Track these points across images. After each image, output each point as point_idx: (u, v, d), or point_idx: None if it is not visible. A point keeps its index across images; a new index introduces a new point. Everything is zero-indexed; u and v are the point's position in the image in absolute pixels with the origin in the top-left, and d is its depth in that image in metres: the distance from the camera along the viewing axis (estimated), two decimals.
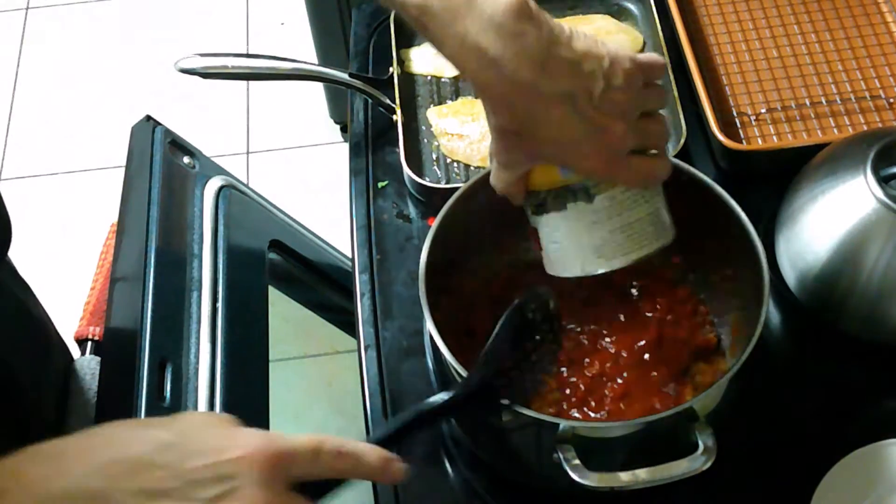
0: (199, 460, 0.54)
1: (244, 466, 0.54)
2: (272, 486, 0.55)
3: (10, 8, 2.52)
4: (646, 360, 0.82)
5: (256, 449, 0.55)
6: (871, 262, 0.81)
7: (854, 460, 0.79)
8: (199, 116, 2.26)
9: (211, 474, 0.54)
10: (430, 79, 1.10)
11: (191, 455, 0.54)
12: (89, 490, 0.53)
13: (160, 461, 0.54)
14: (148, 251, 0.97)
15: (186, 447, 0.55)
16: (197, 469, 0.54)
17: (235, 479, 0.54)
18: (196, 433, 0.56)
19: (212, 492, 0.53)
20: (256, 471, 0.54)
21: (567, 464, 0.68)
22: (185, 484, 0.53)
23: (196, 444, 0.55)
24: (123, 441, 0.56)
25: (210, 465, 0.54)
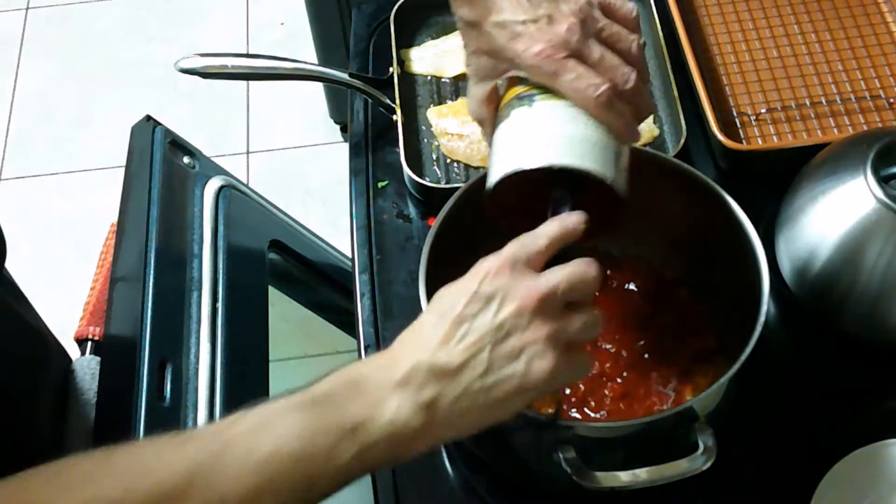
0: (461, 301, 0.63)
1: (493, 280, 0.64)
2: (522, 275, 0.64)
3: (10, 8, 2.52)
4: (646, 360, 0.82)
5: (487, 267, 0.64)
6: (871, 262, 0.81)
7: (854, 460, 0.79)
8: (199, 116, 2.26)
9: (479, 302, 0.63)
10: (430, 79, 1.10)
11: (453, 305, 0.64)
12: (420, 367, 0.62)
13: (443, 321, 0.63)
14: (148, 251, 0.97)
15: (447, 305, 0.64)
16: (467, 306, 0.63)
17: (497, 292, 0.63)
18: (444, 296, 0.65)
19: (491, 309, 0.63)
20: (502, 276, 0.64)
21: (567, 464, 0.68)
22: (469, 320, 0.63)
23: (449, 299, 0.64)
24: (412, 333, 0.65)
25: (472, 298, 0.63)
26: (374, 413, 0.61)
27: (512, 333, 0.62)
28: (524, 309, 0.62)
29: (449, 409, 0.62)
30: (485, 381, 0.62)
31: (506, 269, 0.64)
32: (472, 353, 0.62)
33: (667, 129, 1.03)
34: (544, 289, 0.63)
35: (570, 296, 0.64)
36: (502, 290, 0.63)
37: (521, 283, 0.63)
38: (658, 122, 1.03)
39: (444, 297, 0.65)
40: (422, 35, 1.13)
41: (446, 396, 0.62)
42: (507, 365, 0.62)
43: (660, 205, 0.84)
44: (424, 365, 0.62)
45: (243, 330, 1.00)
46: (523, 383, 0.62)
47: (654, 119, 1.03)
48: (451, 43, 1.11)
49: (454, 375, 0.62)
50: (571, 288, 0.63)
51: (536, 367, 0.62)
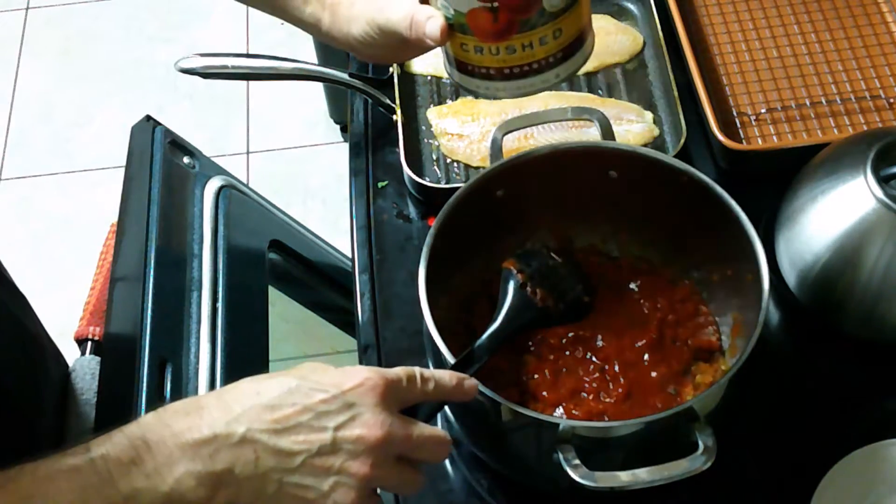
0: (323, 395, 0.62)
1: (362, 394, 0.63)
2: (387, 409, 0.63)
3: (10, 8, 2.52)
4: (646, 360, 0.82)
5: (368, 378, 0.63)
6: (871, 262, 0.81)
7: (854, 460, 0.79)
8: (199, 116, 2.26)
9: (335, 405, 0.62)
10: (430, 79, 1.10)
11: (315, 392, 0.62)
12: (233, 434, 0.60)
13: (290, 401, 0.62)
14: (148, 251, 0.97)
15: (309, 386, 0.63)
16: (323, 402, 0.62)
17: (356, 407, 0.62)
18: (314, 375, 0.64)
19: (338, 419, 0.62)
20: (372, 397, 0.63)
21: (567, 464, 0.68)
22: (314, 416, 0.62)
23: (317, 383, 0.63)
24: (254, 391, 0.63)
25: (332, 397, 0.62)
26: (152, 483, 0.59)
27: (340, 454, 0.61)
28: (366, 440, 0.62)
29: (238, 483, 0.60)
30: (285, 478, 0.61)
31: (379, 393, 0.63)
32: (294, 447, 0.61)
33: (667, 129, 1.03)
34: (396, 435, 0.63)
35: (414, 452, 0.64)
36: (363, 408, 0.62)
37: (380, 416, 0.62)
38: (658, 122, 1.03)
39: (311, 378, 0.64)
40: None
41: (240, 472, 0.60)
42: (315, 478, 0.61)
43: (660, 205, 0.84)
44: (236, 431, 0.60)
45: (243, 330, 1.00)
46: (317, 501, 0.61)
47: (654, 119, 1.03)
48: None
49: (263, 454, 0.60)
50: (418, 448, 0.64)
51: (336, 496, 0.61)
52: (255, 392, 0.63)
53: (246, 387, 0.63)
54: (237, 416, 0.61)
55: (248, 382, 0.64)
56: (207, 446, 0.60)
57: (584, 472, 0.68)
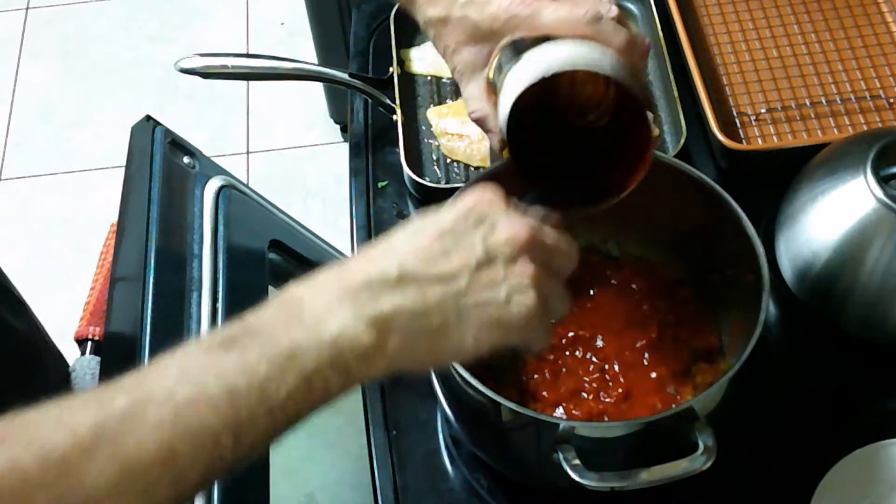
0: (451, 216, 0.59)
1: (487, 205, 0.60)
2: (517, 212, 0.61)
3: (10, 8, 2.52)
4: (646, 361, 0.82)
5: (482, 193, 0.60)
6: (871, 262, 0.81)
7: (854, 460, 0.79)
8: (199, 116, 2.26)
9: (469, 221, 0.59)
10: (430, 79, 1.10)
11: (441, 219, 0.59)
12: (387, 273, 0.56)
13: (424, 235, 0.58)
14: (148, 251, 0.97)
15: (433, 219, 0.60)
16: (455, 222, 0.59)
17: (489, 217, 0.59)
18: (426, 217, 0.60)
19: (479, 232, 0.58)
20: (497, 205, 0.60)
21: (567, 464, 0.68)
22: (455, 238, 0.58)
23: (437, 216, 0.60)
24: (384, 244, 0.59)
25: (461, 216, 0.59)
26: (314, 333, 0.53)
27: (498, 262, 0.58)
28: (516, 241, 0.58)
29: (409, 326, 0.56)
30: (460, 302, 0.57)
31: (499, 201, 0.60)
32: (453, 270, 0.57)
33: (667, 129, 1.03)
34: (539, 232, 0.60)
35: (554, 256, 0.61)
36: (495, 217, 0.59)
37: (514, 218, 0.60)
38: (658, 122, 1.03)
39: (427, 212, 0.60)
40: (422, 35, 1.13)
41: (409, 310, 0.56)
42: (489, 291, 0.57)
43: (660, 205, 0.84)
44: (389, 271, 0.56)
45: None
46: (501, 315, 0.58)
47: (653, 119, 1.03)
48: None
49: (426, 286, 0.56)
50: (556, 252, 0.61)
51: (517, 301, 0.58)
52: (388, 244, 0.58)
53: (377, 244, 0.59)
54: (383, 261, 0.57)
55: (376, 242, 0.59)
56: (366, 290, 0.55)
57: (584, 472, 0.68)
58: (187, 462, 0.50)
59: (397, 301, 0.55)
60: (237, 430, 0.51)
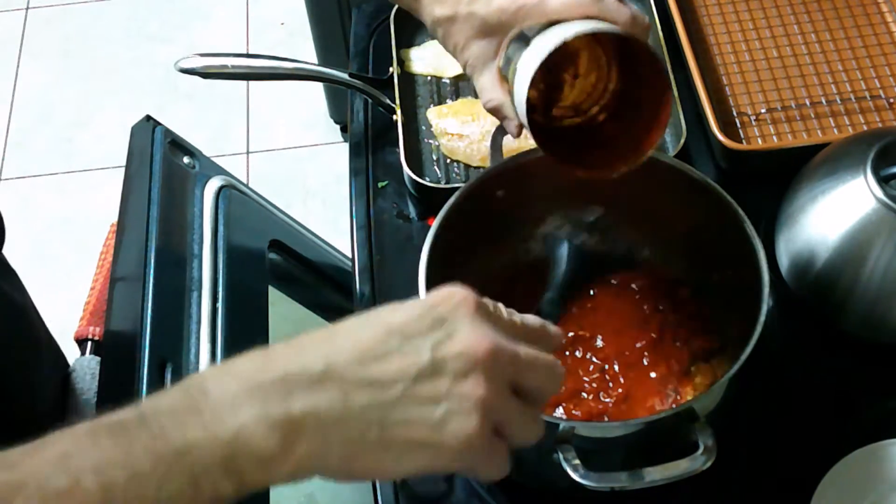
0: (406, 314, 0.52)
1: (453, 308, 0.52)
2: (485, 323, 0.53)
3: (10, 8, 2.52)
4: (646, 361, 0.82)
5: (454, 292, 0.53)
6: (871, 262, 0.81)
7: (854, 460, 0.79)
8: (199, 116, 2.26)
9: (425, 323, 0.52)
10: (430, 79, 1.10)
11: (395, 313, 0.52)
12: (310, 370, 0.50)
13: (370, 329, 0.52)
14: (148, 251, 0.97)
15: (388, 312, 0.53)
16: (409, 321, 0.52)
17: (449, 322, 0.52)
18: (386, 307, 0.54)
19: (432, 338, 0.51)
20: (464, 309, 0.52)
21: (567, 464, 0.68)
22: (402, 339, 0.51)
23: (394, 307, 0.53)
24: (326, 332, 0.53)
25: (419, 315, 0.52)
26: (210, 431, 0.47)
27: (444, 375, 0.50)
28: (471, 355, 0.51)
29: (322, 432, 0.49)
30: (387, 414, 0.50)
31: (472, 306, 0.53)
32: (388, 375, 0.50)
33: (667, 128, 1.03)
34: (503, 348, 0.52)
35: (526, 376, 0.53)
36: (456, 322, 0.52)
37: (480, 328, 0.52)
38: None
39: (388, 307, 0.53)
40: (422, 35, 1.13)
41: (325, 414, 0.49)
42: (422, 407, 0.50)
43: (660, 205, 0.84)
44: (313, 366, 0.49)
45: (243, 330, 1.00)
46: (430, 437, 0.50)
47: None
48: None
49: (350, 389, 0.49)
50: (530, 369, 0.53)
51: (454, 425, 0.50)
52: (327, 333, 0.52)
53: (315, 332, 0.52)
54: (312, 354, 0.50)
55: (315, 331, 0.53)
56: (280, 386, 0.49)
57: (584, 472, 0.68)
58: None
59: (312, 403, 0.49)
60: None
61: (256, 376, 0.49)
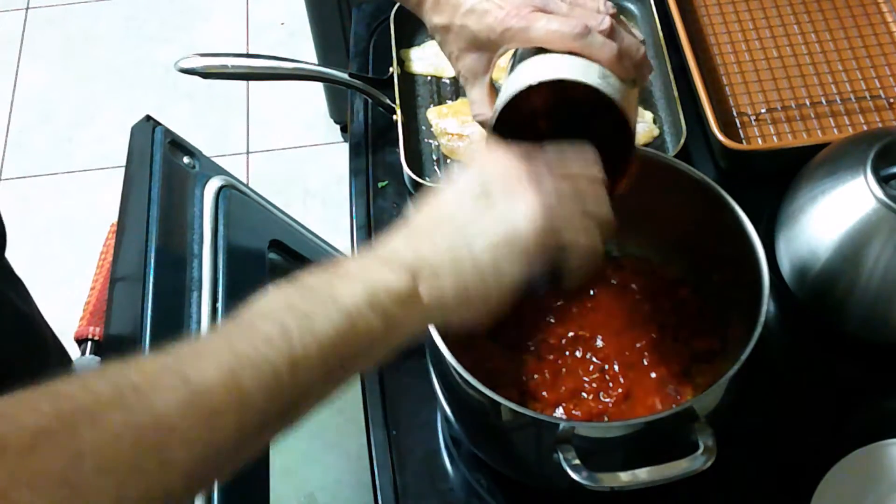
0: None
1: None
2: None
3: (10, 8, 2.52)
4: (646, 361, 0.82)
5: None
6: (871, 262, 0.81)
7: (854, 460, 0.79)
8: (199, 116, 2.26)
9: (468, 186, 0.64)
10: (430, 79, 1.10)
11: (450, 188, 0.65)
12: (402, 236, 0.62)
13: (436, 203, 0.64)
14: (148, 251, 0.97)
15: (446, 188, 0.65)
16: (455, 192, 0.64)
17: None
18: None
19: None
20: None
21: (567, 464, 0.68)
22: (455, 195, 0.63)
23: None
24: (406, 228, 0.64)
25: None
26: (353, 282, 0.58)
27: (494, 187, 0.62)
28: (510, 170, 0.62)
29: (432, 271, 0.59)
30: (465, 236, 0.60)
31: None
32: (453, 209, 0.62)
33: (667, 129, 1.03)
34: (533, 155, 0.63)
35: (564, 164, 0.63)
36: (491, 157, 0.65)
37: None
38: (658, 122, 1.03)
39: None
40: (422, 35, 1.13)
41: (426, 256, 0.60)
42: (488, 215, 0.61)
43: (660, 205, 0.84)
44: (401, 233, 0.62)
45: None
46: (507, 230, 0.60)
47: (654, 119, 1.03)
48: None
49: (433, 233, 0.61)
50: (561, 151, 0.64)
51: (518, 209, 0.60)
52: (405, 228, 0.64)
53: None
54: (397, 232, 0.63)
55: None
56: (388, 250, 0.61)
57: (584, 473, 0.68)
58: (250, 386, 0.50)
59: (414, 248, 0.60)
60: (293, 363, 0.52)
61: (372, 255, 0.60)
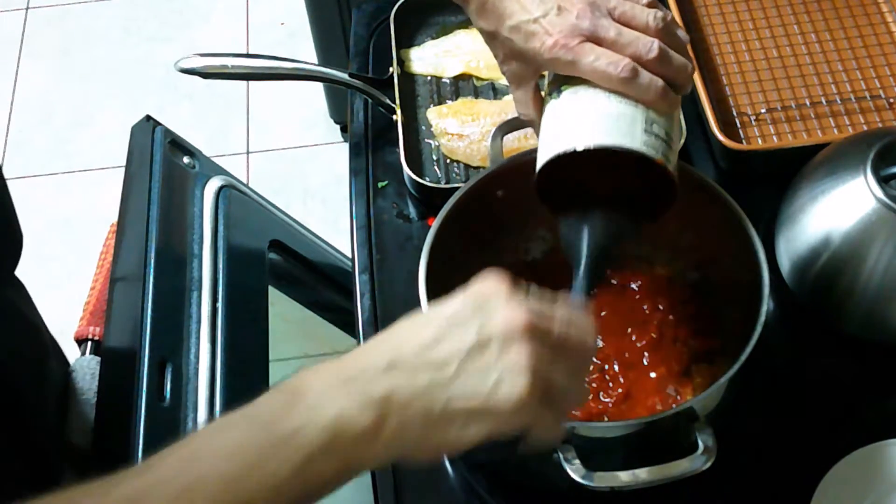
0: (451, 307, 0.60)
1: (490, 294, 0.59)
2: (520, 297, 0.59)
3: (10, 8, 2.52)
4: (646, 361, 0.82)
5: (488, 281, 0.60)
6: (871, 262, 0.81)
7: (854, 460, 0.79)
8: (199, 116, 2.26)
9: (468, 310, 0.59)
10: (430, 79, 1.10)
11: (441, 309, 0.60)
12: (379, 363, 0.57)
13: (421, 324, 0.59)
14: (148, 251, 0.97)
15: (433, 309, 0.60)
16: (454, 312, 0.59)
17: (489, 304, 0.59)
18: (427, 310, 0.62)
19: (476, 321, 0.58)
20: (501, 292, 0.59)
21: (567, 464, 0.68)
22: (451, 326, 0.58)
23: (438, 306, 0.60)
24: (380, 337, 0.60)
25: (461, 305, 0.59)
26: (315, 414, 0.55)
27: (491, 347, 0.57)
28: (512, 326, 0.57)
29: (403, 408, 0.56)
30: (447, 389, 0.57)
31: (506, 288, 0.59)
32: (443, 357, 0.57)
33: None
34: (540, 314, 0.59)
35: (562, 338, 0.59)
36: (496, 303, 0.58)
37: (516, 302, 0.59)
38: None
39: (426, 311, 0.62)
40: (422, 35, 1.13)
41: (401, 392, 0.56)
42: (476, 378, 0.57)
43: None
44: (381, 358, 0.57)
45: (243, 330, 1.00)
46: (487, 404, 0.57)
47: None
48: (451, 43, 1.11)
49: (415, 373, 0.57)
50: (567, 327, 0.60)
51: (507, 386, 0.56)
52: (387, 335, 0.60)
53: (370, 340, 0.61)
54: (376, 353, 0.58)
55: (377, 335, 0.61)
56: (358, 379, 0.57)
57: (584, 472, 0.68)
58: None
59: (389, 385, 0.56)
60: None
61: (341, 373, 0.57)
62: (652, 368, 0.81)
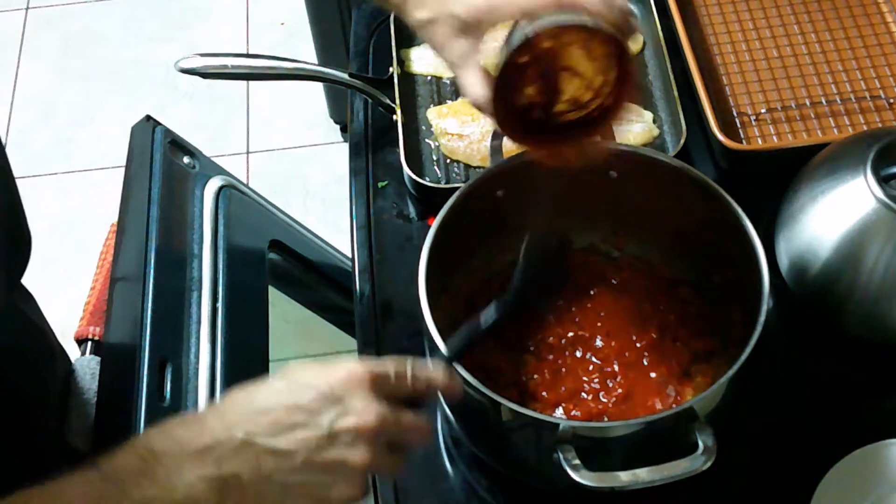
0: (312, 392, 0.63)
1: (350, 387, 0.63)
2: (376, 398, 0.64)
3: (10, 8, 2.52)
4: (646, 361, 0.82)
5: (353, 372, 0.64)
6: (871, 262, 0.81)
7: (854, 460, 0.79)
8: (199, 116, 2.26)
9: (326, 401, 0.63)
10: (430, 79, 1.10)
11: (303, 390, 0.63)
12: (233, 438, 0.61)
13: (281, 404, 0.63)
14: (148, 251, 0.97)
15: (298, 387, 0.64)
16: (313, 399, 0.63)
17: (345, 400, 0.63)
18: (300, 374, 0.65)
19: (330, 414, 0.62)
20: (359, 388, 0.63)
21: (567, 464, 0.68)
22: (307, 415, 0.62)
23: (304, 383, 0.64)
24: (246, 399, 0.64)
25: (321, 394, 0.63)
26: (165, 489, 0.59)
27: (336, 446, 0.62)
28: (360, 430, 0.62)
29: (244, 489, 0.61)
30: (289, 479, 0.62)
31: (366, 385, 0.64)
32: (292, 446, 0.61)
33: (667, 129, 1.03)
34: (388, 421, 0.63)
35: (399, 438, 0.65)
36: (351, 400, 0.63)
37: (370, 405, 0.63)
38: (658, 122, 1.03)
39: (299, 377, 0.65)
40: None
41: (246, 476, 0.61)
42: (318, 474, 0.62)
43: (660, 205, 0.84)
44: (235, 435, 0.61)
45: (243, 330, 1.00)
46: (322, 497, 0.62)
47: (654, 119, 1.03)
48: None
49: (262, 457, 0.61)
50: (406, 434, 0.65)
51: (340, 489, 0.62)
52: (247, 400, 0.64)
53: (238, 396, 0.64)
54: (234, 423, 0.62)
55: (240, 392, 0.65)
56: (211, 452, 0.61)
57: (584, 472, 0.68)
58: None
59: (235, 467, 0.61)
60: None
61: (194, 442, 0.61)
62: (652, 368, 0.81)
